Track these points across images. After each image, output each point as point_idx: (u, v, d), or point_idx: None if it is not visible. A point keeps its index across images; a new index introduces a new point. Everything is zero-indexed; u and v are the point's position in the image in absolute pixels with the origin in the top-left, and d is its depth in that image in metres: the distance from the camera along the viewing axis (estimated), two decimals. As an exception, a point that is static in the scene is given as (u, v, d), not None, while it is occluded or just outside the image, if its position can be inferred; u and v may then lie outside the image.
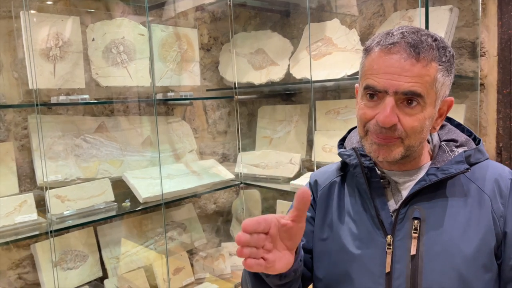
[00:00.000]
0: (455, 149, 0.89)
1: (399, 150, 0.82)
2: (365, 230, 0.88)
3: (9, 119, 1.75)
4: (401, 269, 0.82)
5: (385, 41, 0.80)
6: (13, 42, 1.72)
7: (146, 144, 2.08)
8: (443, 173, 0.83)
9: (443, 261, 0.81)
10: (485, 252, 0.81)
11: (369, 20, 2.08)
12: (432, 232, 0.83)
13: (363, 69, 0.85)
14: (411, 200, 0.85)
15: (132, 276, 1.98)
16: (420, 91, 0.78)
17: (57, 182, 1.74)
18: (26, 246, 1.77)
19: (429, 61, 0.78)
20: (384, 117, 0.79)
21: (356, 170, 0.90)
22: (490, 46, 1.75)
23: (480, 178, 0.86)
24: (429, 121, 0.83)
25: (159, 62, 2.05)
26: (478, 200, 0.84)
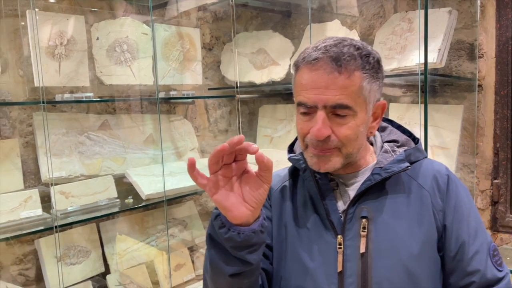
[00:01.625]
0: (397, 149, 0.94)
1: (337, 160, 0.86)
2: (317, 232, 0.91)
3: (14, 116, 1.77)
4: (352, 268, 0.86)
5: (309, 57, 0.84)
6: (18, 40, 1.74)
7: (148, 142, 2.11)
8: (386, 172, 0.88)
9: (390, 257, 0.85)
10: (429, 246, 0.87)
11: (370, 21, 2.11)
12: (379, 230, 0.87)
13: (295, 84, 0.89)
14: (359, 200, 0.89)
15: (133, 272, 2.01)
16: (347, 102, 0.82)
17: (61, 178, 1.76)
18: (30, 241, 1.79)
19: (352, 71, 0.82)
20: (317, 130, 0.83)
21: (305, 174, 0.93)
22: (488, 48, 1.78)
23: (420, 175, 0.91)
24: (363, 127, 0.87)
25: (162, 61, 2.07)
26: (420, 196, 0.89)
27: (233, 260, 0.78)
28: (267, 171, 0.74)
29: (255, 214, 0.77)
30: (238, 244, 0.76)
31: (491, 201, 1.82)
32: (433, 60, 1.64)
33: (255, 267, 0.82)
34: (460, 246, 0.87)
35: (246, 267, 0.79)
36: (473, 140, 1.84)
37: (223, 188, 0.75)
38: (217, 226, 0.77)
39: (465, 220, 0.89)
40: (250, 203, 0.75)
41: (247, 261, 0.78)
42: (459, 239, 0.87)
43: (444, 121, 1.82)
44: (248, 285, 0.85)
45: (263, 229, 0.79)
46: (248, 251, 0.77)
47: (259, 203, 0.76)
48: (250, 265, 0.79)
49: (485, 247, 0.89)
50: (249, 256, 0.78)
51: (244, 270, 0.80)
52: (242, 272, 0.80)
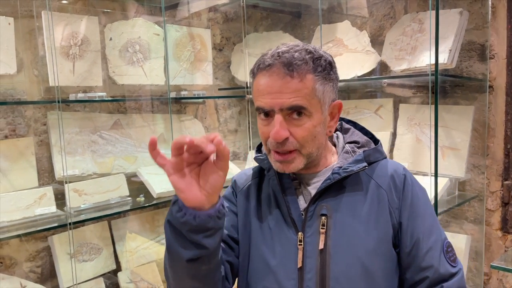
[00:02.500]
0: (357, 149, 0.98)
1: (299, 161, 0.90)
2: (279, 229, 0.94)
3: (29, 115, 1.81)
4: (311, 263, 0.89)
5: (263, 64, 0.88)
6: (33, 41, 1.78)
7: (159, 141, 2.13)
8: (344, 171, 0.91)
9: (348, 254, 0.89)
10: (384, 242, 0.90)
11: (380, 22, 2.12)
12: (338, 227, 0.90)
13: (253, 92, 0.93)
14: (319, 198, 0.92)
15: (144, 270, 2.04)
16: (302, 104, 0.85)
17: (74, 176, 1.79)
18: (44, 238, 1.83)
19: (304, 75, 0.86)
20: (275, 133, 0.86)
21: (270, 173, 0.97)
22: (499, 48, 1.78)
23: (379, 175, 0.95)
24: (321, 127, 0.90)
25: (173, 62, 2.10)
26: (377, 195, 0.93)
27: (189, 245, 0.79)
28: (223, 158, 0.76)
29: (210, 199, 0.78)
30: (194, 228, 0.78)
31: (502, 202, 1.82)
32: (444, 61, 1.65)
33: (212, 253, 0.82)
34: (415, 243, 0.91)
35: (203, 252, 0.80)
36: (483, 141, 1.83)
37: (181, 171, 0.77)
38: (174, 210, 0.79)
39: (420, 218, 0.92)
40: (205, 188, 0.77)
41: (203, 245, 0.79)
42: (414, 236, 0.91)
43: (454, 122, 1.82)
44: (206, 272, 0.85)
45: (219, 215, 0.80)
46: (204, 235, 0.79)
47: (214, 189, 0.78)
48: (206, 249, 0.80)
49: (439, 244, 0.92)
50: (205, 240, 0.79)
51: (201, 255, 0.81)
52: (199, 258, 0.81)
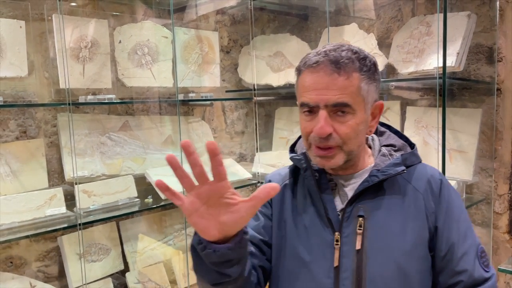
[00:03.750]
0: (394, 153, 0.99)
1: (340, 157, 0.91)
2: (315, 228, 0.96)
3: (39, 117, 1.83)
4: (347, 263, 0.91)
5: (310, 61, 0.90)
6: (44, 44, 1.80)
7: (167, 143, 2.15)
8: (383, 174, 0.93)
9: (384, 255, 0.91)
10: (420, 246, 0.92)
11: (387, 24, 2.12)
12: (375, 229, 0.92)
13: (297, 88, 0.96)
14: (356, 200, 0.94)
15: (151, 271, 2.05)
16: (347, 101, 0.88)
17: (84, 178, 1.81)
18: (53, 238, 1.85)
19: (350, 73, 0.88)
20: (319, 128, 0.88)
21: (306, 173, 0.99)
22: (507, 51, 1.77)
23: (415, 179, 0.97)
24: (363, 126, 0.92)
25: (181, 64, 2.11)
26: (414, 198, 0.94)
27: (213, 273, 0.81)
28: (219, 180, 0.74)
29: (230, 234, 0.77)
30: (215, 260, 0.78)
31: (509, 206, 1.81)
32: (452, 63, 1.65)
33: (238, 278, 0.83)
34: (450, 247, 0.92)
35: (226, 279, 0.82)
36: (491, 144, 1.83)
37: (199, 211, 0.75)
38: (195, 241, 0.79)
39: (455, 223, 0.94)
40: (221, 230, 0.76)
41: (227, 274, 0.80)
42: (449, 240, 0.92)
43: (462, 125, 1.82)
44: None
45: (241, 245, 0.79)
46: (226, 266, 0.79)
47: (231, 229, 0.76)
48: (230, 277, 0.81)
49: (473, 249, 0.93)
50: (228, 270, 0.80)
51: (225, 280, 0.82)
52: (223, 282, 0.82)
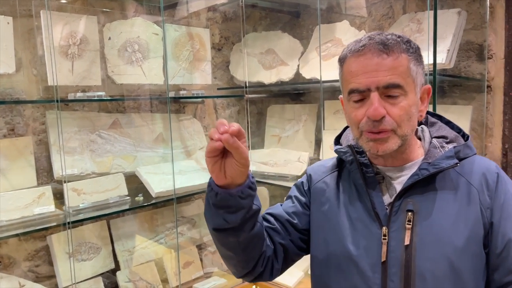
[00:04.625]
0: (445, 145, 0.95)
1: (394, 141, 0.88)
2: (362, 223, 0.94)
3: (28, 115, 1.81)
4: (396, 258, 0.88)
5: (356, 46, 0.89)
6: (32, 40, 1.78)
7: (158, 141, 2.14)
8: (434, 167, 0.89)
9: (434, 250, 0.87)
10: (474, 242, 0.87)
11: (378, 22, 2.12)
12: (424, 223, 0.88)
13: (343, 77, 0.93)
14: (405, 194, 0.91)
15: (142, 269, 2.04)
16: (399, 82, 0.85)
17: (73, 176, 1.79)
18: (42, 237, 1.83)
19: (399, 53, 0.86)
20: (373, 110, 0.85)
21: (352, 166, 0.96)
22: (498, 49, 1.78)
23: (469, 172, 0.92)
24: (414, 108, 0.89)
25: (172, 61, 2.10)
26: (467, 192, 0.90)
27: (215, 216, 0.89)
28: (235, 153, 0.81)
29: (234, 182, 0.86)
30: (216, 203, 0.87)
31: (499, 202, 1.82)
32: (442, 61, 1.65)
33: (237, 228, 0.89)
34: (506, 244, 0.87)
35: (225, 225, 0.89)
36: (481, 141, 1.84)
37: (216, 157, 0.83)
38: (209, 181, 0.88)
39: None
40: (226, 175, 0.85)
41: (225, 220, 0.88)
42: (505, 237, 0.88)
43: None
44: (235, 244, 0.93)
45: (242, 196, 0.86)
46: (225, 211, 0.87)
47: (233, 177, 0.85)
48: (228, 224, 0.88)
49: None
50: (226, 216, 0.88)
51: (224, 227, 0.89)
52: (224, 229, 0.90)
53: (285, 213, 1.06)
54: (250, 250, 0.96)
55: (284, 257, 1.03)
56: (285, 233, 1.03)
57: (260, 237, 0.96)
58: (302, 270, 2.15)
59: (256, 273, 1.00)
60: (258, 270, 1.00)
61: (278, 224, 1.04)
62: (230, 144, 0.79)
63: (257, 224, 0.94)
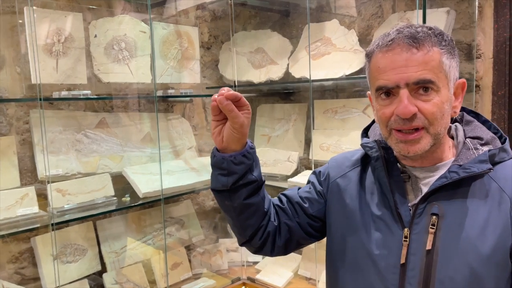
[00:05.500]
0: (480, 147, 0.89)
1: (426, 141, 0.84)
2: (383, 222, 0.90)
3: (11, 113, 1.76)
4: (415, 262, 0.85)
5: (383, 41, 0.84)
6: (16, 37, 1.74)
7: (146, 140, 2.11)
8: (465, 171, 0.83)
9: (457, 258, 0.82)
10: (500, 251, 0.82)
11: (368, 21, 2.11)
12: (449, 229, 0.84)
13: (370, 73, 0.88)
14: (431, 196, 0.86)
15: (130, 271, 2.01)
16: (430, 77, 0.80)
17: (58, 176, 1.76)
18: (26, 239, 1.79)
19: (430, 47, 0.81)
20: (403, 107, 0.80)
21: (377, 163, 0.93)
22: (486, 48, 1.78)
23: (502, 177, 0.86)
24: (448, 105, 0.84)
25: (160, 60, 2.07)
26: (498, 200, 0.84)
27: (212, 176, 0.97)
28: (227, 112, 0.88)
29: (231, 147, 0.92)
30: (213, 164, 0.96)
31: (488, 201, 1.83)
32: (431, 60, 1.64)
33: (230, 192, 0.95)
34: None
35: (219, 186, 0.95)
36: (470, 141, 1.84)
37: (221, 120, 0.92)
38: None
39: None
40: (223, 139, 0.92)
41: (219, 181, 0.95)
42: None
43: (441, 121, 1.83)
44: (231, 208, 0.98)
45: (235, 161, 0.92)
46: (219, 173, 0.94)
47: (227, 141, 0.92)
48: (221, 185, 0.94)
49: None
50: (220, 178, 0.94)
51: (218, 188, 0.96)
52: (219, 191, 0.96)
53: (298, 196, 1.06)
54: (245, 217, 0.99)
55: (290, 237, 1.04)
56: (293, 215, 1.04)
57: (258, 209, 0.99)
58: (291, 271, 2.14)
59: (256, 245, 1.03)
60: (256, 241, 1.02)
61: (288, 205, 1.05)
62: (224, 106, 0.86)
63: (257, 196, 0.97)
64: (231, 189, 0.94)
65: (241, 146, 0.93)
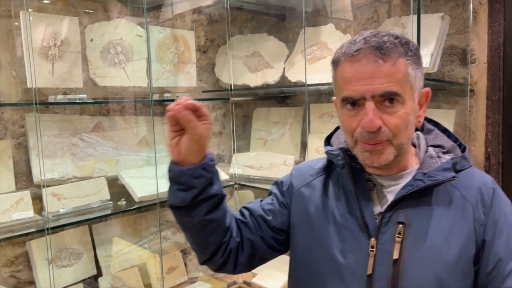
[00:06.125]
0: (442, 155, 0.90)
1: (390, 152, 0.84)
2: (349, 232, 0.89)
3: (6, 117, 1.76)
4: (382, 272, 0.84)
5: (350, 49, 0.83)
6: (11, 41, 1.73)
7: (142, 144, 2.11)
8: (430, 179, 0.84)
9: (424, 267, 0.83)
10: (465, 259, 0.84)
11: (363, 25, 2.12)
12: (415, 237, 0.84)
13: (336, 81, 0.88)
14: (397, 205, 0.86)
15: (126, 275, 2.00)
16: (396, 90, 0.80)
17: (54, 180, 1.75)
18: (21, 243, 1.78)
19: (396, 58, 0.81)
20: (368, 121, 0.80)
21: (342, 170, 0.92)
22: (480, 53, 1.80)
23: (464, 186, 0.88)
24: (412, 116, 0.85)
25: (156, 63, 2.07)
26: (462, 208, 0.86)
27: (170, 192, 0.91)
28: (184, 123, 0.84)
29: (189, 160, 0.87)
30: (171, 178, 0.89)
31: (483, 205, 1.83)
32: (426, 65, 1.66)
33: (189, 209, 0.89)
34: (497, 263, 0.84)
35: (177, 202, 0.89)
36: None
37: (177, 132, 0.87)
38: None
39: (505, 237, 0.85)
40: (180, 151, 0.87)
41: (177, 196, 0.88)
42: (496, 256, 0.84)
43: (436, 126, 1.84)
44: (189, 226, 0.93)
45: (194, 175, 0.86)
46: (177, 188, 0.88)
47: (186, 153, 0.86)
48: (179, 201, 0.88)
49: None
50: (178, 193, 0.88)
51: (176, 205, 0.89)
52: (177, 207, 0.90)
53: (261, 209, 1.02)
54: (206, 234, 0.93)
55: (253, 253, 1.00)
56: (256, 229, 1.00)
57: (219, 225, 0.94)
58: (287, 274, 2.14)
59: (217, 263, 0.98)
60: (218, 259, 0.97)
61: (251, 219, 1.01)
62: (181, 116, 0.82)
63: (218, 211, 0.92)
64: (190, 205, 0.88)
65: (200, 158, 0.87)
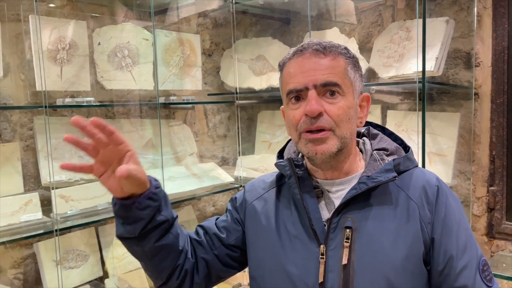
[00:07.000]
0: (386, 157, 0.92)
1: (333, 142, 0.86)
2: (300, 241, 0.89)
3: (15, 120, 1.78)
4: (334, 279, 0.84)
5: (295, 50, 0.90)
6: (20, 45, 1.76)
7: (148, 147, 2.12)
8: (372, 181, 0.85)
9: (373, 270, 0.83)
10: (413, 260, 0.84)
11: (368, 29, 2.14)
12: (363, 241, 0.84)
13: (282, 81, 0.93)
14: (344, 209, 0.87)
15: (131, 277, 2.01)
16: (336, 80, 0.86)
17: (61, 182, 1.77)
18: (29, 245, 1.80)
19: (336, 54, 0.88)
20: (310, 106, 0.84)
21: (290, 180, 0.92)
22: (485, 57, 1.81)
23: (409, 186, 0.88)
24: (353, 111, 0.89)
25: (162, 67, 2.09)
26: (407, 208, 0.86)
27: (116, 224, 0.89)
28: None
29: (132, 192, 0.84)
30: (115, 212, 0.87)
31: (487, 208, 1.84)
32: (431, 68, 1.67)
33: (140, 239, 0.87)
34: (448, 261, 0.84)
35: (125, 234, 0.87)
36: (469, 148, 1.86)
37: (106, 172, 0.84)
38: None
39: (454, 234, 0.85)
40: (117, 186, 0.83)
41: (124, 229, 0.87)
42: (447, 253, 0.84)
43: (441, 129, 1.85)
44: (141, 254, 0.91)
45: (140, 207, 0.84)
46: (123, 222, 0.86)
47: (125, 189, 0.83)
48: (127, 233, 0.87)
49: (474, 262, 0.85)
50: (125, 227, 0.86)
51: (124, 236, 0.88)
52: (126, 238, 0.88)
53: (215, 227, 1.02)
54: (159, 260, 0.92)
55: (208, 272, 1.00)
56: (210, 248, 1.00)
57: (171, 249, 0.92)
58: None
59: (173, 285, 0.96)
60: (173, 282, 0.96)
61: (205, 238, 1.01)
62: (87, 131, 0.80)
63: (169, 235, 0.91)
64: (139, 236, 0.87)
65: (143, 187, 0.85)
